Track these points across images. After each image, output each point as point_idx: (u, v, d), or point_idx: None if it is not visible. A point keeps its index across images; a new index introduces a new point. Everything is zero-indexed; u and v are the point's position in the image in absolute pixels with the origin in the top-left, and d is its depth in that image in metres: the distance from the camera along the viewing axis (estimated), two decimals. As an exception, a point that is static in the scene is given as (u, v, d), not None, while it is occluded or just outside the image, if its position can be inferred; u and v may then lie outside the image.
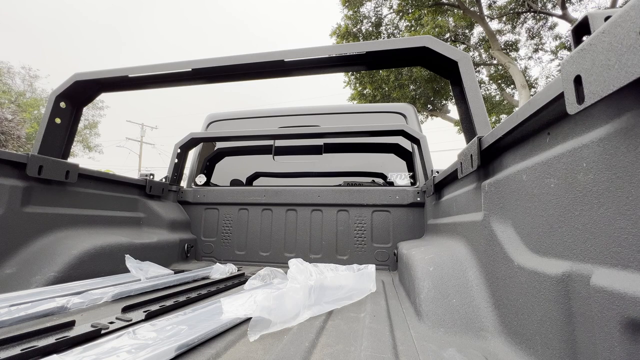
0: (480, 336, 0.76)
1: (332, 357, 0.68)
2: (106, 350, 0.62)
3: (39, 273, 1.13)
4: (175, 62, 1.36)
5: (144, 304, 0.97)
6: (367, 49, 1.21)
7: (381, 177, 2.27)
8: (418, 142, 1.90)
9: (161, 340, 0.67)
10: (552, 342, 0.52)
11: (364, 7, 11.77)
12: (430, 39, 1.13)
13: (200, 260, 2.10)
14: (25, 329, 0.68)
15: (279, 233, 2.06)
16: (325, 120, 2.43)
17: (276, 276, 1.32)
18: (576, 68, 0.42)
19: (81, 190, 1.48)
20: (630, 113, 0.38)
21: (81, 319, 0.84)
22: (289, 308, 0.88)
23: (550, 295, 0.52)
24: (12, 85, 18.74)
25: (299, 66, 1.30)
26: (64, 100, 1.44)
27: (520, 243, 0.67)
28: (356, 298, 1.13)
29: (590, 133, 0.46)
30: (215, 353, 0.67)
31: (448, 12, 11.30)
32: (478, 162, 0.83)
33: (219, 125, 2.57)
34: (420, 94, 12.23)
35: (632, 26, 0.32)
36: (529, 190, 0.63)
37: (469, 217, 0.98)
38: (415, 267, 1.00)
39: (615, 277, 0.39)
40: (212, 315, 0.84)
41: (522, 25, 11.38)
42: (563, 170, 0.51)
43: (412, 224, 1.92)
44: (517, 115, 0.63)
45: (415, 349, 0.71)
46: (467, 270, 0.89)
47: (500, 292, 0.73)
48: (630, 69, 0.32)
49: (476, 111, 1.04)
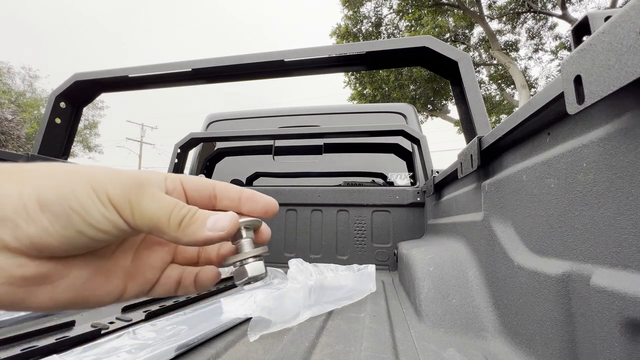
0: (481, 336, 0.76)
1: (332, 357, 0.68)
2: (106, 350, 0.62)
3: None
4: (175, 62, 1.36)
5: (144, 304, 0.97)
6: (367, 49, 1.21)
7: (381, 177, 2.27)
8: (418, 142, 1.89)
9: (161, 340, 0.67)
10: (552, 342, 0.52)
11: (364, 7, 11.78)
12: (430, 39, 1.13)
13: (200, 260, 2.10)
14: (25, 329, 0.68)
15: (279, 233, 2.06)
16: (325, 120, 2.43)
17: (276, 276, 1.32)
18: (576, 68, 0.42)
19: (81, 190, 1.48)
20: (631, 113, 0.38)
21: (81, 319, 0.84)
22: (289, 308, 0.88)
23: (550, 295, 0.52)
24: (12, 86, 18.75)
25: (299, 66, 1.30)
26: (64, 100, 1.44)
27: (520, 243, 0.67)
28: (356, 298, 1.13)
29: (591, 133, 0.46)
30: (215, 353, 0.67)
31: (448, 12, 11.31)
32: (478, 162, 0.83)
33: (219, 125, 2.57)
34: (420, 94, 12.23)
35: (632, 26, 0.32)
36: (529, 190, 0.63)
37: (469, 217, 0.98)
38: (415, 267, 1.00)
39: (615, 277, 0.39)
40: (212, 316, 0.84)
41: (522, 25, 11.39)
42: (563, 170, 0.51)
43: (412, 224, 1.92)
44: (517, 115, 0.63)
45: (415, 349, 0.71)
46: (467, 270, 0.89)
47: (500, 292, 0.73)
48: (630, 69, 0.32)
49: (476, 111, 1.05)
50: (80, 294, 0.26)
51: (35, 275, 0.23)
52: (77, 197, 0.23)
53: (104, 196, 0.24)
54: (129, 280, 0.30)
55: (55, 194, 0.23)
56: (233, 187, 0.34)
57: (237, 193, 0.33)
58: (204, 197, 0.33)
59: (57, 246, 0.23)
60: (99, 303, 0.28)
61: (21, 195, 0.22)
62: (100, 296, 0.28)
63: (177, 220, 0.26)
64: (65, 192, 0.23)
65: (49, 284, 0.24)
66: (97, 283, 0.27)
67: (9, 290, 0.22)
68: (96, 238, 0.24)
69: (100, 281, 0.28)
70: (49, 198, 0.22)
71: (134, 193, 0.25)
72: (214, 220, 0.28)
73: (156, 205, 0.26)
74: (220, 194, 0.33)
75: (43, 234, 0.22)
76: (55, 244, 0.23)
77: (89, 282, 0.27)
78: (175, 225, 0.26)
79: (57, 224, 0.22)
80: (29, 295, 0.23)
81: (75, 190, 0.23)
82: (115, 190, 0.25)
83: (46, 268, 0.24)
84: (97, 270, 0.28)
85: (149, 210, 0.26)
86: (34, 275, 0.23)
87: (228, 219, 0.28)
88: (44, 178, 0.23)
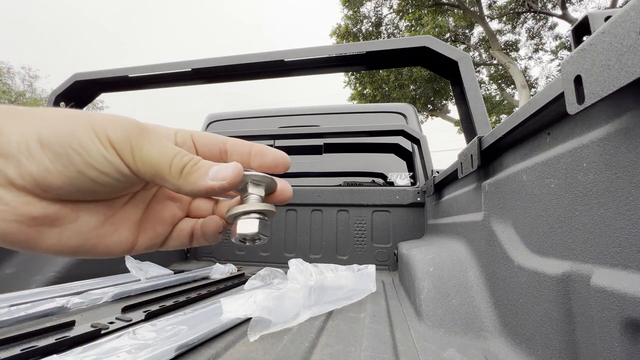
0: (481, 336, 0.75)
1: (332, 357, 0.68)
2: (106, 350, 0.62)
3: (39, 273, 1.13)
4: (175, 62, 1.36)
5: (144, 304, 0.97)
6: (367, 49, 1.21)
7: (381, 177, 2.27)
8: (418, 142, 1.89)
9: (161, 340, 0.67)
10: (552, 342, 0.52)
11: (364, 7, 11.78)
12: (430, 39, 1.13)
13: (200, 260, 2.10)
14: (25, 329, 0.68)
15: (279, 233, 2.06)
16: (325, 120, 2.43)
17: (276, 276, 1.32)
18: (576, 68, 0.42)
19: (81, 190, 1.48)
20: (631, 113, 0.38)
21: (81, 319, 0.84)
22: (289, 308, 0.88)
23: (550, 295, 0.52)
24: (12, 86, 18.75)
25: (299, 66, 1.30)
26: (64, 100, 1.44)
27: (521, 243, 0.67)
28: (356, 298, 1.13)
29: (591, 133, 0.45)
30: (215, 353, 0.67)
31: (448, 12, 11.31)
32: (478, 162, 0.83)
33: (218, 126, 2.57)
34: (420, 94, 12.23)
35: (632, 26, 0.32)
36: (529, 191, 0.63)
37: (469, 217, 0.98)
38: (416, 267, 1.00)
39: (615, 277, 0.39)
40: (212, 316, 0.84)
41: (522, 25, 11.39)
42: (563, 170, 0.51)
43: (412, 224, 1.91)
44: (517, 115, 0.63)
45: (416, 349, 0.71)
46: (467, 270, 0.89)
47: (500, 292, 0.73)
48: (630, 69, 0.32)
49: (476, 111, 1.04)
50: (88, 241, 0.27)
51: (43, 215, 0.24)
52: (77, 137, 0.23)
53: (104, 137, 0.24)
54: (140, 233, 0.31)
55: (55, 134, 0.23)
56: (244, 143, 0.33)
57: (247, 147, 0.33)
58: (215, 153, 0.32)
59: (61, 186, 0.23)
60: (108, 253, 0.28)
61: (23, 133, 0.22)
62: (108, 246, 0.28)
63: (179, 168, 0.26)
64: (65, 131, 0.23)
65: (57, 227, 0.25)
66: (106, 232, 0.28)
67: (19, 229, 0.23)
68: (98, 181, 0.24)
69: (109, 230, 0.28)
70: (49, 137, 0.23)
71: (135, 136, 0.25)
72: (216, 169, 0.27)
73: (157, 150, 0.26)
74: (230, 149, 0.33)
75: (45, 173, 0.23)
76: (58, 184, 0.23)
77: (97, 230, 0.27)
78: (177, 172, 0.26)
79: (58, 163, 0.23)
80: (38, 235, 0.24)
81: (75, 130, 0.23)
82: (115, 133, 0.24)
83: (54, 209, 0.24)
84: (106, 220, 0.28)
85: (150, 155, 0.25)
86: (41, 215, 0.24)
87: (231, 169, 0.28)
88: (45, 119, 0.23)
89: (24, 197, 0.23)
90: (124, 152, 0.24)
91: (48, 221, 0.24)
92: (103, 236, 0.28)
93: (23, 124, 0.23)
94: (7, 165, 0.22)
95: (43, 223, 0.24)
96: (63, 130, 0.23)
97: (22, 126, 0.23)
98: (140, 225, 0.31)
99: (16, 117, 0.23)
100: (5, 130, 0.22)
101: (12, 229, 0.23)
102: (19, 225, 0.23)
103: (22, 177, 0.22)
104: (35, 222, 0.24)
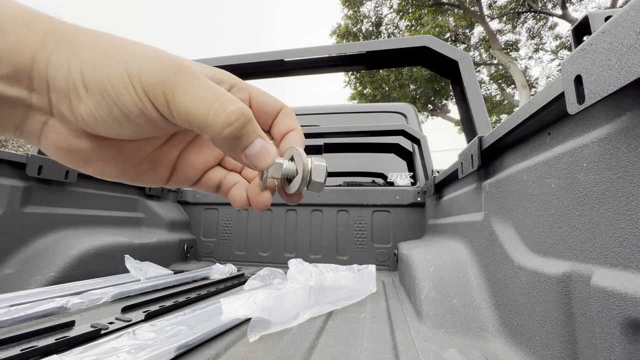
0: (481, 336, 0.75)
1: (332, 358, 0.68)
2: (106, 350, 0.62)
3: (38, 273, 1.13)
4: (175, 62, 1.36)
5: (144, 304, 0.97)
6: (367, 49, 1.21)
7: (381, 177, 2.27)
8: (418, 142, 1.89)
9: (161, 340, 0.67)
10: (552, 342, 0.52)
11: (364, 6, 11.77)
12: (431, 39, 1.13)
13: (199, 260, 2.10)
14: (25, 329, 0.68)
15: (279, 233, 2.06)
16: (325, 120, 2.43)
17: (276, 276, 1.32)
18: (576, 68, 0.42)
19: (81, 191, 1.48)
20: (631, 113, 0.38)
21: (81, 319, 0.84)
22: (289, 308, 0.88)
23: (550, 296, 0.52)
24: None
25: (299, 66, 1.30)
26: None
27: (521, 243, 0.67)
28: (356, 298, 1.13)
29: (591, 133, 0.45)
30: (215, 353, 0.67)
31: (448, 12, 11.30)
32: (478, 162, 0.83)
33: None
34: (420, 93, 12.22)
35: (632, 26, 0.32)
36: (529, 191, 0.63)
37: (470, 217, 0.98)
38: (416, 267, 1.00)
39: (615, 277, 0.39)
40: (211, 316, 0.84)
41: (523, 25, 11.38)
42: (563, 170, 0.51)
43: (412, 224, 1.91)
44: (518, 115, 0.63)
45: (416, 350, 0.71)
46: (467, 270, 0.89)
47: (500, 292, 0.73)
48: (630, 69, 0.32)
49: (477, 111, 1.04)
50: (126, 174, 0.28)
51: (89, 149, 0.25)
52: (112, 84, 0.21)
53: (137, 83, 0.21)
54: (173, 174, 0.31)
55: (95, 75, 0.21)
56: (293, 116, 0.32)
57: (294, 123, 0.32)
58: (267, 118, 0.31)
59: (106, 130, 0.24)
60: (144, 183, 0.30)
61: (70, 67, 0.21)
62: (145, 179, 0.30)
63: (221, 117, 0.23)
64: (102, 75, 0.21)
65: (102, 160, 0.26)
66: (143, 169, 0.29)
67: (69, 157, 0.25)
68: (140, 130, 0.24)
69: (146, 168, 0.29)
70: (91, 81, 0.21)
71: (168, 80, 0.22)
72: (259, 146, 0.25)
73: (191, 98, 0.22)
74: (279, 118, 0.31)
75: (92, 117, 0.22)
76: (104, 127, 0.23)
77: (135, 167, 0.29)
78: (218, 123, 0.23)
79: (102, 110, 0.22)
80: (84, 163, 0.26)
81: (110, 75, 0.21)
82: (148, 77, 0.21)
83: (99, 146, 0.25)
84: (144, 158, 0.29)
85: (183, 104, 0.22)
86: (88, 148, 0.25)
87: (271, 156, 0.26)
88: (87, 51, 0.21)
89: (75, 130, 0.24)
90: (158, 101, 0.22)
91: (94, 155, 0.26)
92: (140, 172, 0.29)
93: (69, 54, 0.21)
94: (60, 101, 0.22)
95: (87, 156, 0.25)
96: (101, 72, 0.21)
97: (67, 57, 0.21)
98: (174, 166, 0.31)
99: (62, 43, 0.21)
100: (53, 60, 0.21)
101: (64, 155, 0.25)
102: (70, 153, 0.25)
103: (73, 115, 0.22)
104: (83, 154, 0.25)
